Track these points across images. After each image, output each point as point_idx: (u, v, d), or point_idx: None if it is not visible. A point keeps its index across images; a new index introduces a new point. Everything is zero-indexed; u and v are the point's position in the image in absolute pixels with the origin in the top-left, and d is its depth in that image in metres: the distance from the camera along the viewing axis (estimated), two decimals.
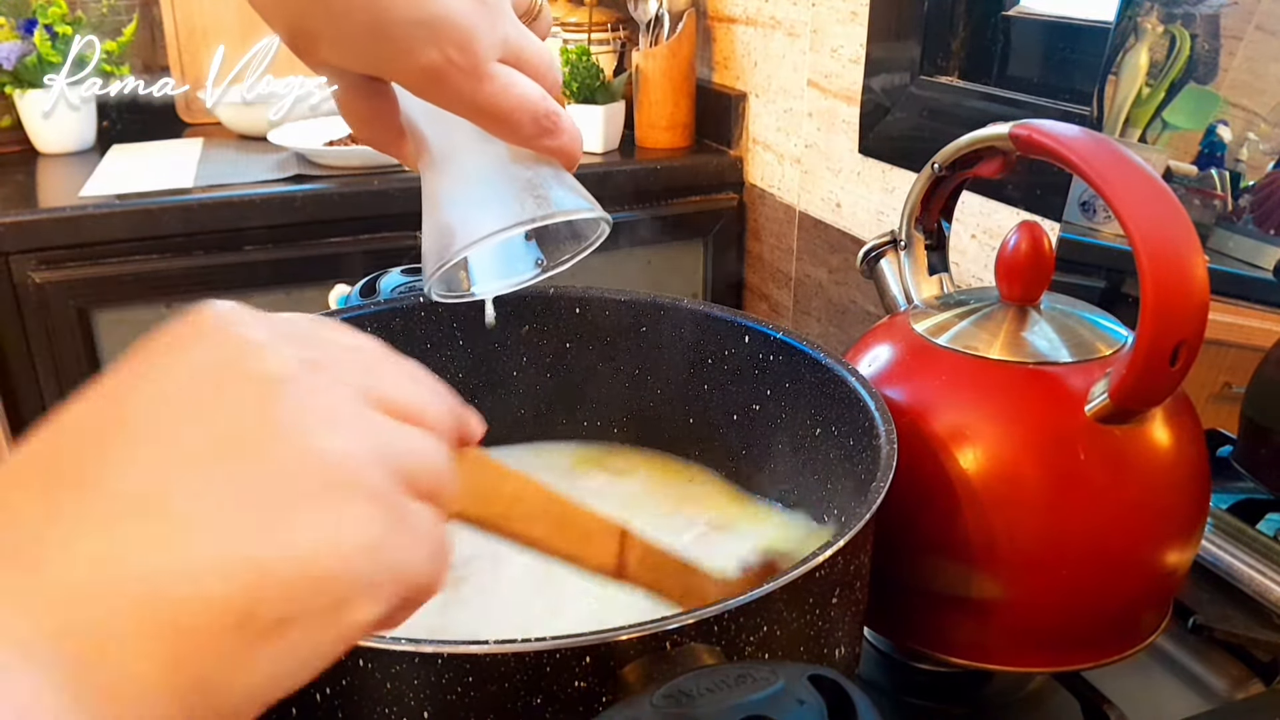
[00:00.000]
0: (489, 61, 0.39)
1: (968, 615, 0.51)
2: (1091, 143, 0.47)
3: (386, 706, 0.36)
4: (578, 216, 0.43)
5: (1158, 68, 0.70)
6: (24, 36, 1.43)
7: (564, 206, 0.42)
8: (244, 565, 0.23)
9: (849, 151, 1.23)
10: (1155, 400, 0.47)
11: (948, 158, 0.56)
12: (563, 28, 1.61)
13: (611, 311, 0.63)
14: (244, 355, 0.25)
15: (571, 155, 0.42)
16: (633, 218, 1.46)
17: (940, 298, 0.59)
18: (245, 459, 0.24)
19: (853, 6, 1.19)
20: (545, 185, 0.41)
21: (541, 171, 0.42)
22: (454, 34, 0.37)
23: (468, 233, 0.41)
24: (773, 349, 0.58)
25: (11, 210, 1.23)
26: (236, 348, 0.25)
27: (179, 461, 0.24)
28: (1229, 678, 0.59)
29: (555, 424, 0.66)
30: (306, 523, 0.24)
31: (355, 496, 0.25)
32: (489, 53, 0.38)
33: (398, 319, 0.61)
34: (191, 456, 0.24)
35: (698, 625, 0.35)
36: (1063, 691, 0.56)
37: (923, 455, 0.50)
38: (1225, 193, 0.66)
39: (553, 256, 0.48)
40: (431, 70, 0.38)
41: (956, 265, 1.02)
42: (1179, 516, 0.51)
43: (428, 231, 0.43)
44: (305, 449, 0.25)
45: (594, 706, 0.35)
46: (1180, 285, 0.43)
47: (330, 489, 0.25)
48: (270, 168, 1.36)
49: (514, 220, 0.41)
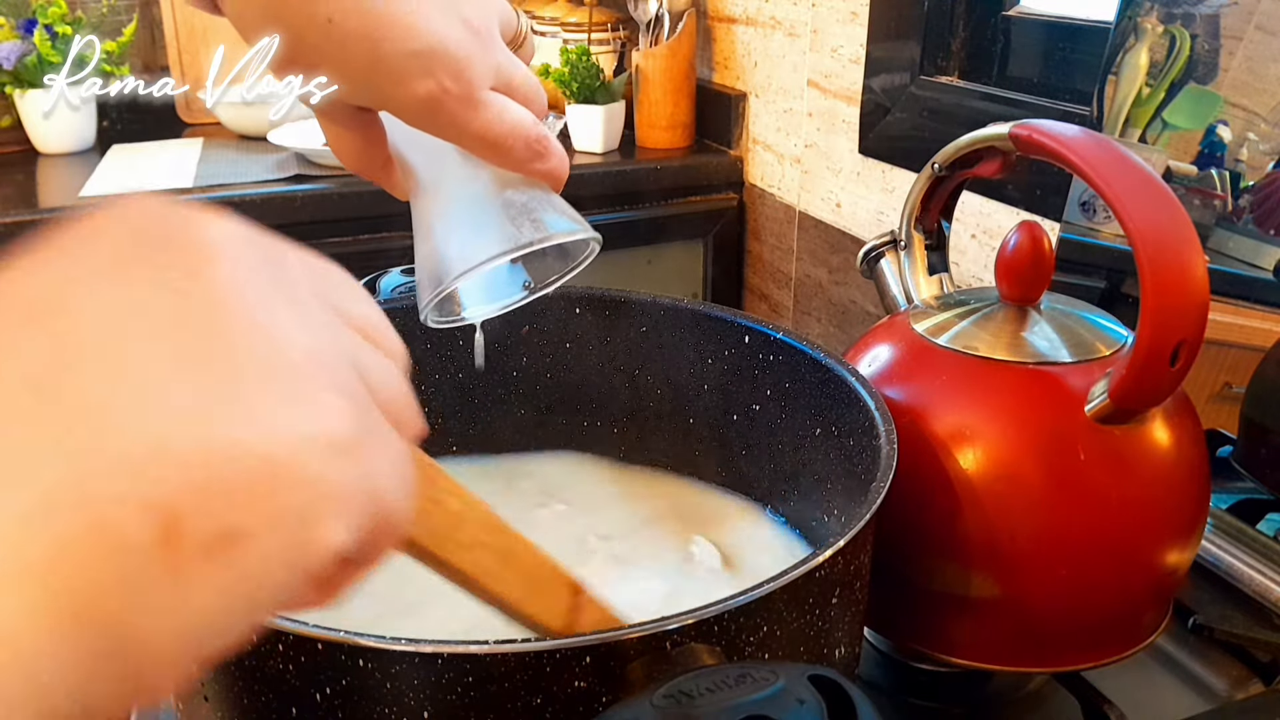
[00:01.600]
0: (483, 89, 0.39)
1: (968, 615, 0.51)
2: (1091, 143, 0.47)
3: (386, 706, 0.36)
4: (573, 238, 0.43)
5: (1158, 68, 0.70)
6: (24, 36, 1.43)
7: (558, 229, 0.42)
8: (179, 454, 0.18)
9: (849, 151, 1.23)
10: (1155, 400, 0.47)
11: (948, 158, 0.56)
12: (563, 28, 1.61)
13: (611, 311, 0.63)
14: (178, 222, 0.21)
15: (560, 178, 0.43)
16: (633, 218, 1.46)
17: (940, 298, 0.59)
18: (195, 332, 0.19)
19: (853, 6, 1.19)
20: (538, 209, 0.42)
21: (533, 195, 0.42)
22: (449, 63, 0.38)
23: (465, 259, 0.41)
24: (773, 349, 0.58)
25: (11, 210, 1.23)
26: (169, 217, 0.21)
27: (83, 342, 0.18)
28: (1229, 678, 0.59)
29: (555, 424, 0.66)
30: (272, 406, 0.19)
31: (328, 388, 0.21)
32: (482, 81, 0.39)
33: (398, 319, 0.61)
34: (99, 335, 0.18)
35: (698, 625, 0.35)
36: (1063, 691, 0.56)
37: (923, 455, 0.50)
38: (1225, 193, 0.66)
39: (540, 277, 0.48)
40: (428, 99, 0.38)
41: (956, 265, 1.02)
42: (1179, 516, 0.51)
43: (421, 259, 0.43)
44: (271, 333, 0.20)
45: (594, 706, 0.35)
46: (1180, 285, 0.43)
47: (300, 377, 0.20)
48: (270, 168, 1.36)
49: (511, 245, 0.41)
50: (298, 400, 0.20)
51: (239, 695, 0.38)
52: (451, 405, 0.64)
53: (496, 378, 0.64)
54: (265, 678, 0.37)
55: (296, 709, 0.37)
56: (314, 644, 0.35)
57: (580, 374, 0.65)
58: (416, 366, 0.65)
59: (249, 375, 0.19)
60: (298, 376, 0.20)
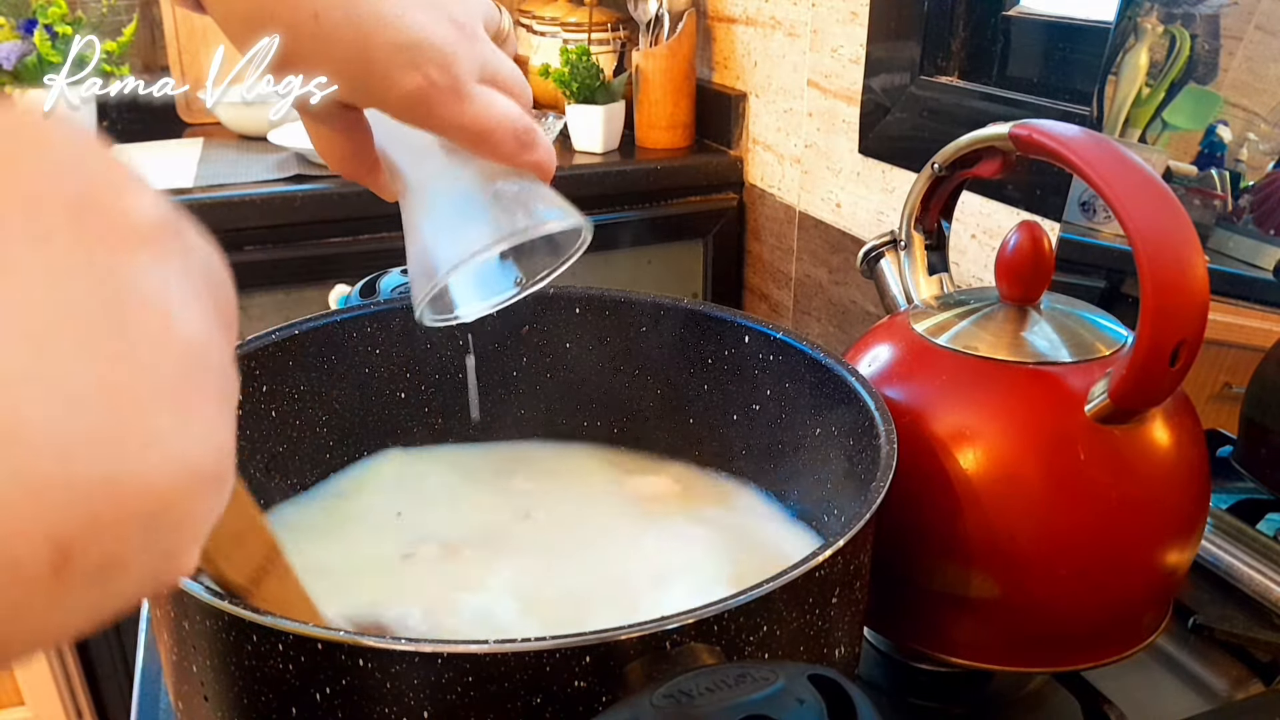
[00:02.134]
0: (470, 82, 0.40)
1: (968, 615, 0.51)
2: (1091, 143, 0.47)
3: (386, 706, 0.36)
4: (565, 226, 0.43)
5: (1158, 68, 0.70)
6: (24, 36, 1.43)
7: (551, 216, 0.42)
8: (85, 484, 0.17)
9: (849, 151, 1.23)
10: (1155, 400, 0.47)
11: (948, 158, 0.56)
12: (563, 28, 1.61)
13: (611, 311, 0.63)
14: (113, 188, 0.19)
15: (548, 169, 0.43)
16: (633, 218, 1.46)
17: (940, 298, 0.59)
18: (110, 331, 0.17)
19: (853, 6, 1.19)
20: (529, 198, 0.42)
21: (523, 185, 0.42)
22: (436, 56, 0.38)
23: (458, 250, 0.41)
24: (773, 349, 0.58)
25: None
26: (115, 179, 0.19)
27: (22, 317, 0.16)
28: (1229, 678, 0.59)
29: (555, 424, 0.66)
30: (167, 429, 0.18)
31: (210, 390, 0.20)
32: (469, 74, 0.40)
33: (398, 319, 0.61)
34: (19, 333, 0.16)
35: (698, 625, 0.35)
36: (1063, 691, 0.56)
37: (923, 455, 0.50)
38: (1225, 193, 0.66)
39: (531, 272, 0.48)
40: (416, 92, 0.38)
41: (956, 265, 1.02)
42: (1179, 516, 0.51)
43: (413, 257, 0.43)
44: (168, 328, 0.19)
45: (594, 706, 0.35)
46: (1180, 285, 0.43)
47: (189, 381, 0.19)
48: (270, 168, 1.36)
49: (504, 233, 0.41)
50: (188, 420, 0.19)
51: (239, 695, 0.38)
52: (451, 405, 0.64)
53: (496, 378, 0.64)
54: (265, 678, 0.37)
55: (296, 709, 0.37)
56: (314, 644, 0.35)
57: (580, 374, 0.65)
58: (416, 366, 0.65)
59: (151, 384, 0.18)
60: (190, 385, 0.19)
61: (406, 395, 0.62)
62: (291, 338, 0.56)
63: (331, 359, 0.59)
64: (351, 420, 0.61)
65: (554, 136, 1.48)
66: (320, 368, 0.58)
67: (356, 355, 0.60)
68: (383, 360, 0.61)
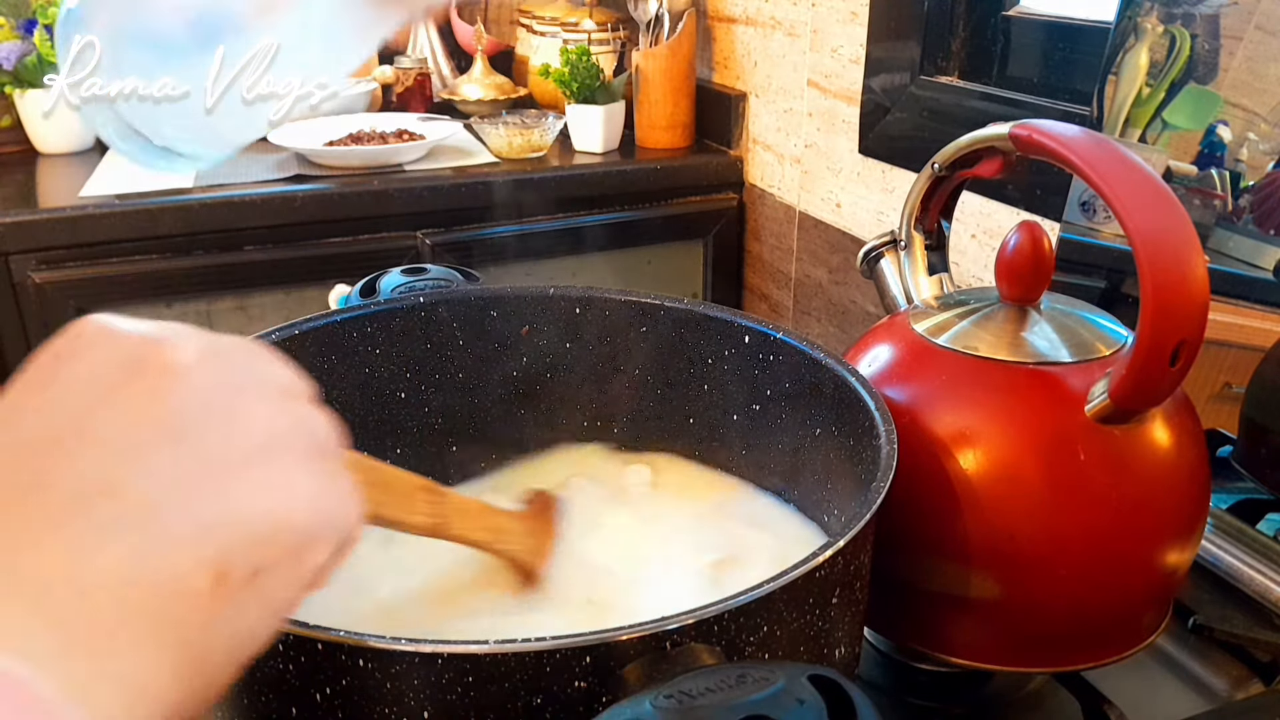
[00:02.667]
0: None
1: (968, 615, 0.51)
2: (1091, 143, 0.47)
3: (386, 706, 0.36)
4: None
5: (1158, 68, 0.70)
6: (24, 36, 1.43)
7: None
8: (211, 528, 0.25)
9: (849, 151, 1.23)
10: (1155, 400, 0.47)
11: (948, 158, 0.56)
12: (563, 28, 1.61)
13: (611, 311, 0.63)
14: (146, 349, 0.27)
15: None
16: (632, 218, 1.46)
17: (940, 298, 0.59)
18: (180, 440, 0.26)
19: (853, 6, 1.19)
20: None
21: None
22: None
23: None
24: (773, 349, 0.58)
25: (11, 210, 1.23)
26: (136, 345, 0.27)
27: (120, 455, 0.25)
28: (1229, 678, 0.59)
29: (555, 424, 0.66)
30: (257, 483, 0.27)
31: (286, 458, 0.28)
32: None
33: (398, 319, 0.61)
34: (130, 448, 0.25)
35: (698, 625, 0.35)
36: (1063, 691, 0.56)
37: (923, 455, 0.50)
38: (1225, 193, 0.66)
39: None
40: None
41: (956, 265, 1.02)
42: (1179, 516, 0.51)
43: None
44: (232, 424, 0.27)
45: (594, 706, 0.35)
46: (1180, 285, 0.43)
47: (266, 454, 0.27)
48: (270, 168, 1.36)
49: None
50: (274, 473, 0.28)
51: (239, 695, 0.38)
52: (451, 405, 0.64)
53: (496, 378, 0.64)
54: (265, 678, 0.37)
55: (296, 709, 0.37)
56: (314, 644, 0.35)
57: (580, 374, 0.65)
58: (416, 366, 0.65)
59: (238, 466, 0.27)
60: (267, 457, 0.28)
61: (406, 395, 0.62)
62: (291, 338, 0.56)
63: (331, 359, 0.59)
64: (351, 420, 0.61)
65: (554, 136, 1.48)
66: (320, 368, 0.58)
67: (356, 355, 0.60)
68: (383, 360, 0.61)
